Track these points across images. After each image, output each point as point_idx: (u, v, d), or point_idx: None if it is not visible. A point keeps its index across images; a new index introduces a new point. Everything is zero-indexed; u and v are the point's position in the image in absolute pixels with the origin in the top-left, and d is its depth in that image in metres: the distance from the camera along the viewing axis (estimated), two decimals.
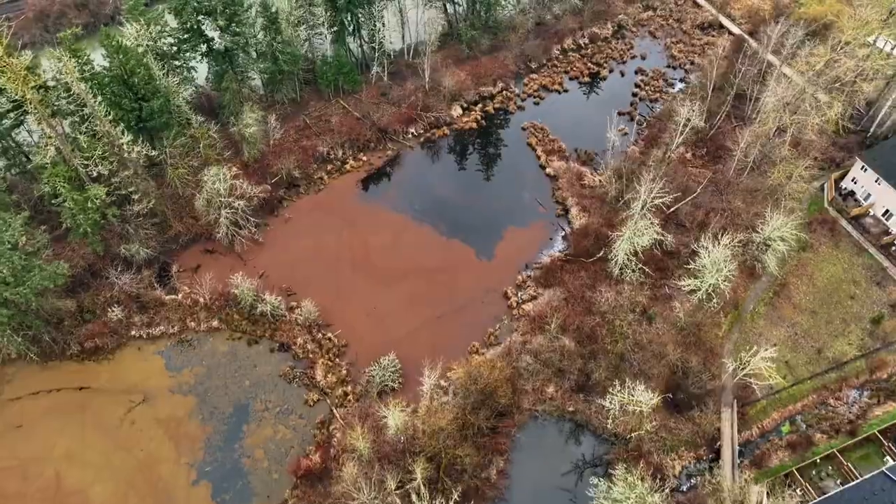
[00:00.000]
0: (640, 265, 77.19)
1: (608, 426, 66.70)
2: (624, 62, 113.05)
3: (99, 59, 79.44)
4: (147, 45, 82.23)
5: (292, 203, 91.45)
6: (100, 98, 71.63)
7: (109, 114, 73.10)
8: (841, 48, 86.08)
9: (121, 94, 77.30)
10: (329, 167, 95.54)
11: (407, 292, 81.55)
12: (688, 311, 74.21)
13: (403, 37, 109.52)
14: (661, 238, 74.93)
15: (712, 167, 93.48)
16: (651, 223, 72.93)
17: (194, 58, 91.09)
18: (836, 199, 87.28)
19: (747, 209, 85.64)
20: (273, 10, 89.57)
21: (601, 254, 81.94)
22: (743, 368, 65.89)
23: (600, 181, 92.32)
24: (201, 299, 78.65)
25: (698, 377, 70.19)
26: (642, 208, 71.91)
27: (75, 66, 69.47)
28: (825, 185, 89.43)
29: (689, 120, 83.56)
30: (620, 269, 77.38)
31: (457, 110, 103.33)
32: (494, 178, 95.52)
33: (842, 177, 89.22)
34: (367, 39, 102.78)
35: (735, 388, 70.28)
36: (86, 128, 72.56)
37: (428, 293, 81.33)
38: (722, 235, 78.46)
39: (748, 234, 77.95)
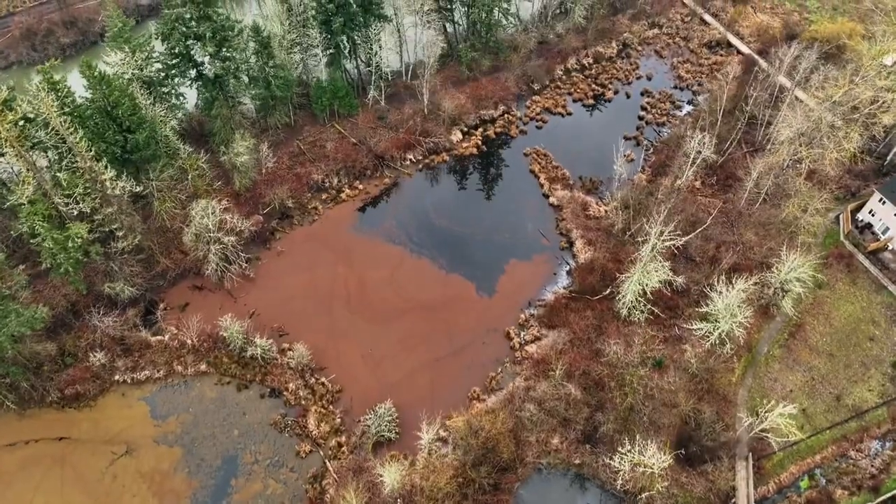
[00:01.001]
0: (648, 306, 73.53)
1: (617, 485, 62.95)
2: (629, 83, 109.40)
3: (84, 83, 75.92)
4: (132, 73, 78.50)
5: (285, 235, 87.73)
6: (80, 133, 67.82)
7: (91, 149, 69.39)
8: (860, 78, 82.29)
9: (104, 126, 73.64)
10: (324, 196, 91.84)
11: (404, 332, 77.87)
12: (699, 357, 70.51)
13: (401, 56, 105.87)
14: (672, 280, 71.13)
15: (722, 196, 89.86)
16: (661, 265, 69.15)
17: (183, 83, 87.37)
18: (853, 232, 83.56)
19: (760, 243, 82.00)
20: (265, 33, 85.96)
21: (608, 292, 78.38)
22: (760, 423, 62.18)
23: (606, 212, 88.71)
24: (189, 341, 74.93)
25: (711, 428, 66.51)
26: (652, 250, 68.17)
27: (54, 102, 65.68)
28: (840, 217, 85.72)
29: (699, 152, 79.79)
30: (629, 310, 73.68)
31: (456, 135, 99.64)
32: (496, 208, 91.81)
33: (858, 208, 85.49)
34: (364, 62, 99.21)
35: (750, 440, 66.58)
36: (66, 164, 68.80)
37: (426, 333, 77.65)
38: (735, 275, 75.17)
39: (762, 276, 74.12)
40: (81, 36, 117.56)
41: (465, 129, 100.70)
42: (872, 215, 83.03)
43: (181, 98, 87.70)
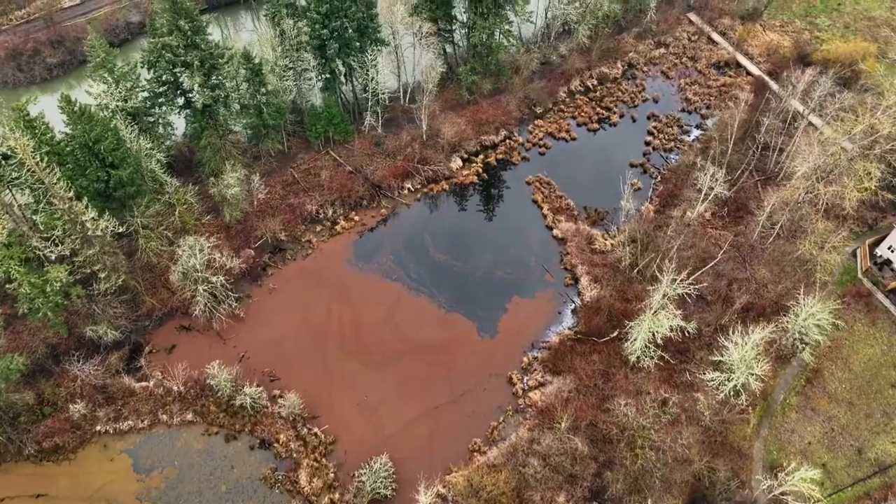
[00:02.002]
0: (658, 352, 69.78)
1: None
2: (635, 105, 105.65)
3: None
4: (116, 105, 74.76)
5: (277, 270, 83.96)
6: (58, 174, 64.04)
7: (71, 189, 65.58)
8: (882, 112, 78.56)
9: (86, 162, 70.00)
10: (318, 228, 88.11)
11: (402, 377, 74.14)
12: (712, 408, 66.77)
13: (399, 77, 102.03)
14: (683, 326, 67.39)
15: (733, 228, 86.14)
16: (673, 314, 65.42)
17: (171, 112, 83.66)
18: (871, 268, 79.82)
19: (774, 281, 78.37)
20: (256, 60, 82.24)
21: (615, 334, 74.70)
22: (780, 486, 58.49)
23: (612, 245, 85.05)
24: (175, 388, 71.27)
25: (726, 486, 62.81)
26: (663, 297, 64.48)
27: (29, 142, 61.91)
28: (858, 252, 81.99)
29: (711, 189, 76.13)
30: (637, 357, 69.96)
31: (456, 162, 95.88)
32: (497, 241, 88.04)
33: (876, 243, 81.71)
34: (360, 85, 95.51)
35: (769, 502, 62.86)
36: (43, 206, 65.01)
37: (425, 378, 73.93)
38: (748, 315, 71.79)
39: (779, 323, 70.37)
40: (69, 55, 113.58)
41: (466, 156, 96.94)
42: (892, 251, 79.27)
43: (169, 128, 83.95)
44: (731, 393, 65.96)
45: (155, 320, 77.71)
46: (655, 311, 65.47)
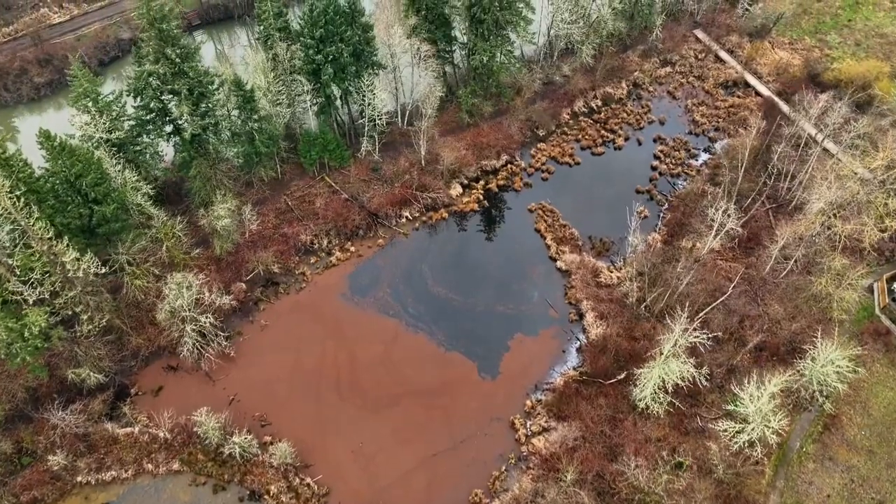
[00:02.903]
0: (668, 398, 66.41)
1: None
2: (641, 128, 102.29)
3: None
4: (100, 137, 71.43)
5: (270, 305, 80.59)
6: (36, 214, 60.73)
7: (50, 230, 62.24)
8: None
9: (67, 198, 66.71)
10: (312, 260, 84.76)
11: (399, 422, 70.73)
12: (726, 459, 63.36)
13: (397, 98, 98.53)
14: (696, 375, 64.04)
15: (744, 260, 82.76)
16: (684, 362, 62.08)
17: (160, 140, 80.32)
18: (890, 305, 76.42)
19: (788, 318, 74.97)
20: (248, 87, 78.92)
21: (623, 376, 71.34)
22: None
23: (618, 279, 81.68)
24: (161, 434, 67.93)
25: None
26: (674, 345, 61.13)
27: (5, 182, 58.55)
28: (875, 287, 78.59)
29: (723, 225, 72.82)
30: (646, 404, 66.55)
31: (456, 188, 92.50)
32: (499, 273, 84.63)
33: (894, 277, 78.36)
34: (357, 111, 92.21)
35: None
36: (20, 248, 61.59)
37: (423, 423, 70.52)
38: (764, 365, 68.56)
39: (794, 368, 67.02)
40: (58, 74, 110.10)
41: (466, 182, 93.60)
42: None
43: (157, 157, 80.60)
44: (746, 444, 62.61)
45: (141, 360, 74.33)
46: (666, 358, 62.08)
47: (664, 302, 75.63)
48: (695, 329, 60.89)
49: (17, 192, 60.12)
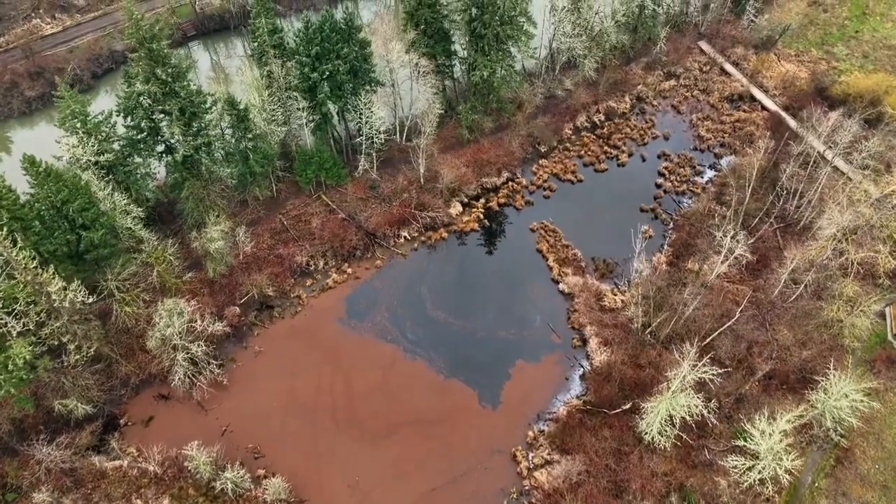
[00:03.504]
0: (675, 431, 64.17)
1: None
2: (644, 143, 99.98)
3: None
4: (88, 160, 69.18)
5: (264, 330, 78.33)
6: (20, 243, 58.50)
7: (35, 258, 60.06)
8: None
9: (53, 225, 64.49)
10: (308, 282, 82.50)
11: (397, 454, 68.48)
12: (736, 497, 61.13)
13: (395, 113, 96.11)
14: (704, 411, 61.80)
15: (752, 283, 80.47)
16: (692, 397, 59.86)
17: (151, 160, 77.99)
18: None
19: (798, 344, 72.79)
20: (242, 105, 76.70)
21: (628, 406, 69.09)
22: None
23: (623, 302, 79.44)
24: (151, 468, 65.67)
25: None
26: (682, 380, 58.90)
27: None
28: (887, 312, 76.26)
29: (731, 251, 70.60)
30: (653, 438, 64.28)
31: (456, 207, 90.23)
32: (500, 296, 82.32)
33: None
34: (354, 128, 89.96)
35: None
36: (3, 279, 59.32)
37: (422, 456, 68.27)
38: (774, 393, 66.41)
39: (806, 401, 64.84)
40: (49, 87, 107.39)
41: (466, 200, 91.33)
42: None
43: (148, 177, 78.35)
44: (756, 481, 60.38)
45: (131, 388, 72.07)
46: (674, 393, 59.86)
47: (670, 328, 73.47)
48: (703, 364, 58.56)
49: (0, 221, 57.86)
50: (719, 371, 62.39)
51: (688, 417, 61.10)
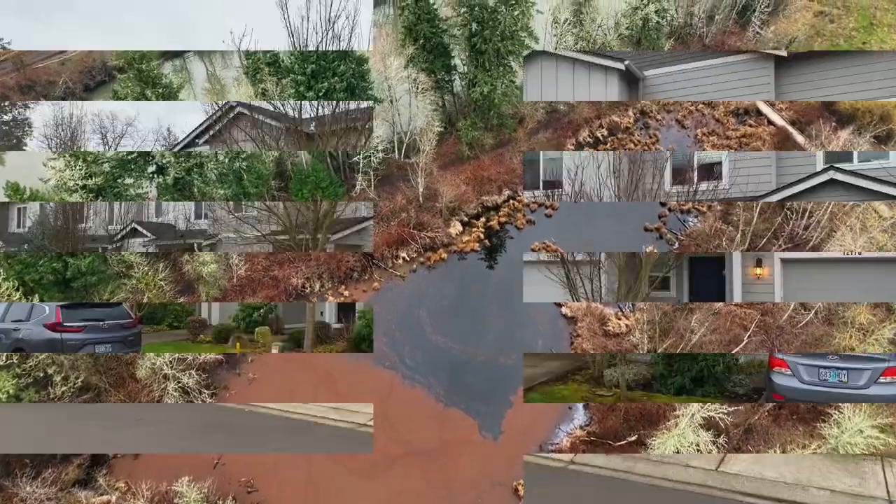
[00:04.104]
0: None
1: None
2: None
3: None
4: (77, 183, 67.19)
5: (258, 356, 76.29)
6: (3, 274, 56.52)
7: (19, 288, 58.05)
8: None
9: (38, 252, 62.44)
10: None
11: (395, 488, 66.15)
12: None
13: (394, 129, 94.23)
14: (714, 442, 59.65)
15: (759, 306, 78.39)
16: (700, 435, 57.68)
17: (141, 181, 76.12)
18: None
19: None
20: None
21: (634, 438, 66.92)
22: None
23: (627, 327, 77.33)
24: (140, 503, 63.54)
25: None
26: (691, 418, 56.76)
27: None
28: None
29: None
30: None
31: (456, 227, 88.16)
32: (501, 319, 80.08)
33: None
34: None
35: None
36: None
37: (421, 490, 65.86)
38: (783, 424, 64.02)
39: (817, 435, 62.61)
40: (42, 99, 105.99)
41: (465, 220, 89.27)
42: None
43: (139, 199, 76.39)
44: None
45: None
46: (682, 430, 57.69)
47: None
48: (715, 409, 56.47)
49: None
50: (729, 409, 60.13)
51: (694, 451, 58.88)
